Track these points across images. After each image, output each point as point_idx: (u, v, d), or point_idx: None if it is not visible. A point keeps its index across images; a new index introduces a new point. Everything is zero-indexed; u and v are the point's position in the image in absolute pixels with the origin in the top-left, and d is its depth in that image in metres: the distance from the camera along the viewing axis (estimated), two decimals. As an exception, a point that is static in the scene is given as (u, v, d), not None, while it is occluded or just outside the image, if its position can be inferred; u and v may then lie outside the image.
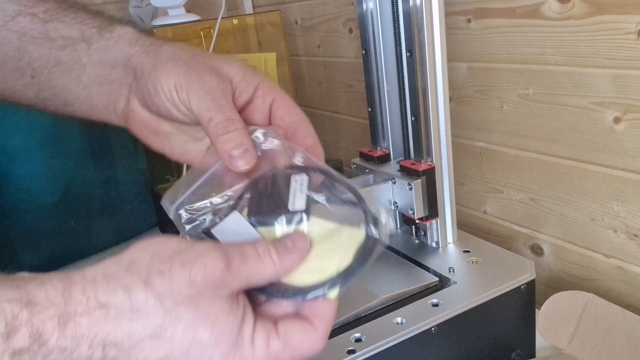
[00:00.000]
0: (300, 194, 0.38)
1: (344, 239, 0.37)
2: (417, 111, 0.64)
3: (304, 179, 0.39)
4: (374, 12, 0.68)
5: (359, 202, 0.38)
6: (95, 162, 1.00)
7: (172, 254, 0.32)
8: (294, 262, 0.35)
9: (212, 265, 0.32)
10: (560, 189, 0.71)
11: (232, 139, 0.39)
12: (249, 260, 0.33)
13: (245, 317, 0.33)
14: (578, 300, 0.59)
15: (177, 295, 0.31)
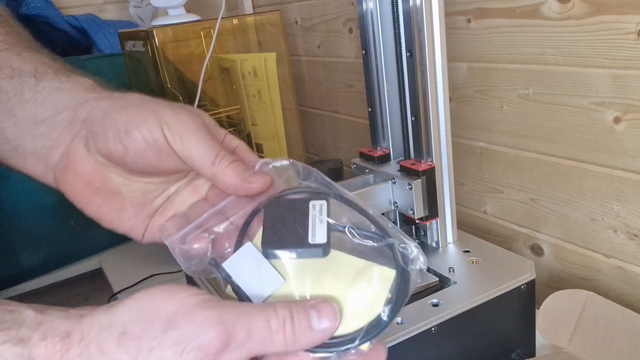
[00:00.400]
0: (320, 224, 0.34)
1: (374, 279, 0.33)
2: (417, 111, 0.64)
3: (323, 205, 0.35)
4: (374, 12, 0.68)
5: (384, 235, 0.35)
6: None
7: (166, 326, 0.30)
8: (312, 342, 0.32)
9: (208, 346, 0.29)
10: (560, 189, 0.71)
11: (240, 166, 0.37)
12: (255, 338, 0.30)
13: None
14: (578, 299, 0.59)
15: None
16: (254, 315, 0.31)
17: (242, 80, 0.97)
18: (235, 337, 0.30)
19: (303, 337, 0.31)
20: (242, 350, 0.30)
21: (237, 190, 0.37)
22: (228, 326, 0.30)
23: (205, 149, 0.37)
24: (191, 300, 0.31)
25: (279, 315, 0.31)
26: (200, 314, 0.30)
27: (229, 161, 0.37)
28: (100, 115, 0.38)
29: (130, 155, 0.37)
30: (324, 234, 0.34)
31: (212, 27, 0.93)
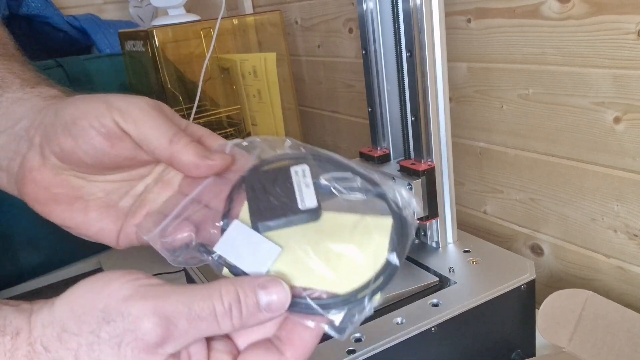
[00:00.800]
0: (306, 188, 0.34)
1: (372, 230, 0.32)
2: (417, 111, 0.64)
3: (305, 169, 0.34)
4: (374, 12, 0.68)
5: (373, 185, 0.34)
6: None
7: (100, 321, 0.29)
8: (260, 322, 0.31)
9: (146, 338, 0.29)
10: (560, 189, 0.71)
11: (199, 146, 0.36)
12: (199, 326, 0.30)
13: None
14: (577, 299, 0.59)
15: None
16: (196, 303, 0.30)
17: (242, 80, 0.97)
18: (176, 326, 0.29)
19: (251, 319, 0.30)
20: (187, 337, 0.30)
21: (198, 168, 0.35)
22: (166, 316, 0.29)
23: (162, 128, 0.35)
24: (124, 290, 0.30)
25: (225, 300, 0.30)
26: (134, 305, 0.29)
27: (187, 140, 0.35)
28: (52, 117, 0.37)
29: (81, 146, 0.36)
30: (313, 197, 0.33)
31: (212, 27, 0.93)
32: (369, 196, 0.34)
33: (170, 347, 0.30)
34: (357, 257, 0.32)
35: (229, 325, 0.30)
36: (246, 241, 0.33)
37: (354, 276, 0.31)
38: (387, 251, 0.32)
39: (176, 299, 0.30)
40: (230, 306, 0.30)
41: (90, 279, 0.31)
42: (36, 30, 1.10)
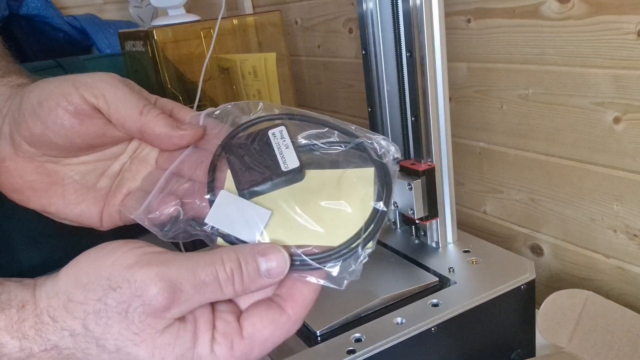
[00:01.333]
0: (286, 149, 0.34)
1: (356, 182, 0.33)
2: (417, 111, 0.64)
3: (283, 131, 0.34)
4: (374, 12, 0.68)
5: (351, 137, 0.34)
6: (95, 162, 0.99)
7: (106, 288, 0.30)
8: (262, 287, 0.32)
9: (153, 303, 0.29)
10: (560, 189, 0.71)
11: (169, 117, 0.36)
12: (204, 292, 0.30)
13: (198, 334, 0.31)
14: (577, 298, 0.59)
15: (117, 337, 0.30)
16: (200, 269, 0.30)
17: (242, 80, 0.97)
18: (182, 291, 0.30)
19: (252, 285, 0.31)
20: (191, 302, 0.30)
21: (170, 139, 0.35)
22: (171, 281, 0.29)
23: (131, 101, 0.35)
24: (128, 258, 0.30)
25: (227, 267, 0.31)
26: (138, 273, 0.30)
27: (158, 111, 0.36)
28: (18, 103, 0.37)
29: (50, 128, 0.35)
30: (294, 158, 0.33)
31: (212, 27, 0.93)
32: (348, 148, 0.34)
33: (176, 312, 0.30)
34: (345, 209, 0.32)
35: (231, 290, 0.31)
36: (236, 209, 0.33)
37: (344, 228, 0.32)
38: (372, 200, 0.32)
39: (180, 264, 0.30)
40: (232, 272, 0.31)
41: (92, 250, 0.32)
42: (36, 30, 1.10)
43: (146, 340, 0.30)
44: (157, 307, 0.29)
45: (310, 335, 0.55)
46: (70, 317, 0.30)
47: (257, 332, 0.32)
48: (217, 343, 0.31)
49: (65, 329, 0.30)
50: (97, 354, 0.30)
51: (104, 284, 0.30)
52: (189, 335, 0.31)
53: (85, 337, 0.30)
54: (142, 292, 0.29)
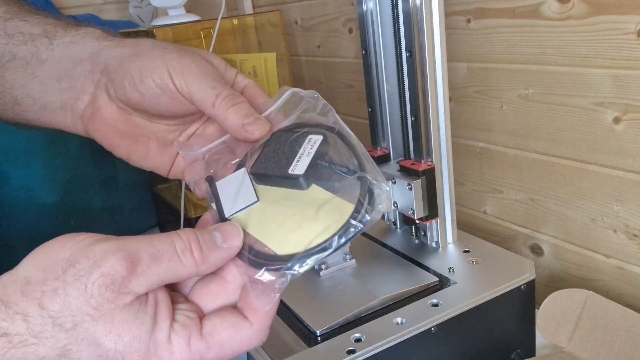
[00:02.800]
0: (306, 157, 0.36)
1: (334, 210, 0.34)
2: (417, 111, 0.64)
3: (318, 140, 0.37)
4: (374, 12, 0.68)
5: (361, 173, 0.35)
6: (95, 162, 1.00)
7: (65, 266, 0.30)
8: (220, 261, 0.33)
9: (111, 273, 0.29)
10: (560, 189, 0.71)
11: (243, 110, 0.38)
12: (162, 260, 0.31)
13: (158, 319, 0.31)
14: (577, 298, 0.59)
15: (74, 313, 0.29)
16: (156, 240, 0.31)
17: (242, 80, 0.97)
18: (139, 261, 0.30)
19: (211, 255, 0.32)
20: (151, 274, 0.30)
21: (237, 135, 0.38)
22: (129, 251, 0.30)
23: (206, 90, 0.38)
24: (87, 240, 0.31)
25: (183, 237, 0.32)
26: (97, 247, 0.30)
27: (230, 104, 0.38)
28: (116, 65, 0.40)
29: (147, 101, 0.40)
30: (304, 166, 0.35)
31: (212, 27, 0.93)
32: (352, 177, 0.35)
33: (136, 284, 0.30)
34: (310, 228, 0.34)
35: (191, 260, 0.31)
36: (239, 185, 0.36)
37: (298, 243, 0.33)
38: (332, 233, 0.33)
39: (137, 239, 0.31)
40: (189, 241, 0.31)
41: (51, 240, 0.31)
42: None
43: (105, 315, 0.29)
44: (116, 277, 0.29)
45: (310, 335, 0.55)
46: (26, 299, 0.29)
47: (216, 332, 0.32)
48: (175, 332, 0.31)
49: (18, 312, 0.29)
50: (53, 335, 0.29)
51: (64, 263, 0.30)
52: (148, 318, 0.30)
53: (41, 319, 0.29)
54: (101, 263, 0.29)
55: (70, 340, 0.29)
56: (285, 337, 0.56)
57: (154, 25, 0.94)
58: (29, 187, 0.93)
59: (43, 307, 0.29)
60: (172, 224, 0.99)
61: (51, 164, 0.94)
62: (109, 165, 1.02)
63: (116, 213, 1.04)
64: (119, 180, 1.03)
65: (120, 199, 1.04)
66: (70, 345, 0.29)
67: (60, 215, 0.96)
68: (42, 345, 0.29)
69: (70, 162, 0.97)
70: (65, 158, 0.96)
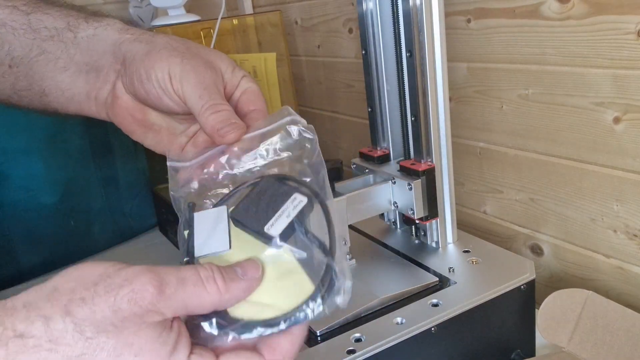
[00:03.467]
0: (285, 218, 0.35)
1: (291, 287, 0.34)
2: (417, 111, 0.64)
3: (301, 202, 0.36)
4: (374, 12, 0.68)
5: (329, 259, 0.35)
6: (95, 162, 1.00)
7: (97, 280, 0.30)
8: (242, 292, 0.33)
9: (141, 290, 0.30)
10: (560, 189, 0.71)
11: (221, 116, 0.40)
12: (187, 286, 0.31)
13: (178, 346, 0.31)
14: (577, 298, 0.59)
15: (99, 323, 0.29)
16: (183, 270, 0.32)
17: (242, 80, 0.97)
18: (168, 284, 0.30)
19: (233, 285, 0.33)
20: (177, 298, 0.31)
21: (214, 139, 0.40)
22: (159, 274, 0.31)
23: (196, 97, 0.40)
24: (120, 264, 0.32)
25: (206, 267, 0.33)
26: (129, 268, 0.31)
27: (211, 111, 0.40)
28: (130, 60, 0.43)
29: (151, 98, 0.42)
30: (281, 228, 0.35)
31: (212, 27, 0.93)
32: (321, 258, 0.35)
33: (163, 305, 0.30)
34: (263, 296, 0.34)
35: (214, 288, 0.32)
36: (215, 225, 0.36)
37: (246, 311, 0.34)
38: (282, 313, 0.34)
39: (166, 267, 0.32)
40: (212, 271, 0.32)
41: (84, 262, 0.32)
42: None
43: (130, 328, 0.30)
44: (145, 295, 0.30)
45: (310, 335, 0.55)
46: (50, 304, 0.29)
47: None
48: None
49: (39, 315, 0.29)
50: (69, 343, 0.29)
51: (96, 277, 0.30)
52: (171, 341, 0.31)
53: (63, 324, 0.29)
54: (132, 280, 0.30)
55: (87, 350, 0.29)
56: (285, 337, 0.56)
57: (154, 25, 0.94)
58: (29, 187, 0.93)
59: (68, 313, 0.29)
60: (172, 224, 0.99)
61: (51, 164, 0.94)
62: (109, 165, 1.02)
63: (116, 213, 1.04)
64: (119, 180, 1.03)
65: (120, 199, 1.04)
66: (86, 355, 0.29)
67: (60, 215, 0.96)
68: (55, 352, 0.28)
69: (70, 162, 0.97)
70: (65, 158, 0.96)
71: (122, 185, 1.04)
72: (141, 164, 1.06)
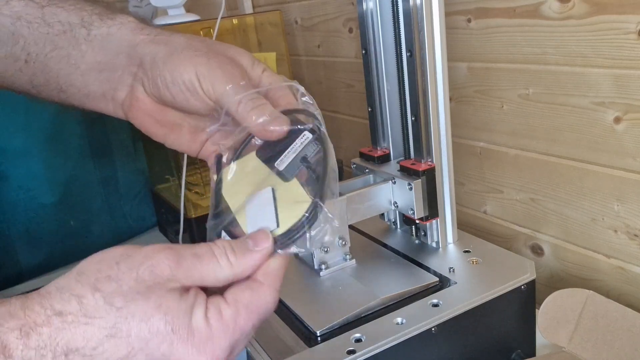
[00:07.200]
0: (292, 154, 0.40)
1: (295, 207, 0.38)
2: (417, 111, 0.64)
3: (307, 138, 0.40)
4: (374, 12, 0.68)
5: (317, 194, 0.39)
6: (95, 162, 1.00)
7: (119, 259, 0.33)
8: (254, 263, 0.36)
9: (161, 264, 0.33)
10: (561, 189, 0.71)
11: (263, 110, 0.40)
12: (203, 260, 0.34)
13: (197, 301, 0.34)
14: (578, 298, 0.59)
15: (126, 293, 0.32)
16: (197, 247, 0.35)
17: (242, 80, 0.97)
18: (183, 257, 0.34)
19: (246, 258, 0.35)
20: (193, 270, 0.34)
21: (259, 135, 0.41)
22: (176, 250, 0.34)
23: (230, 94, 0.40)
24: (137, 245, 0.34)
25: (219, 244, 0.35)
26: (149, 247, 0.34)
27: (250, 107, 0.40)
28: (150, 63, 0.42)
29: (177, 101, 0.42)
30: (286, 162, 0.39)
31: (212, 27, 0.93)
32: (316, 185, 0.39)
33: (181, 276, 0.33)
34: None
35: (226, 261, 0.35)
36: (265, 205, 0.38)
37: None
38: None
39: (182, 244, 0.35)
40: (224, 247, 0.35)
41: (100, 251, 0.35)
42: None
43: (156, 292, 0.32)
44: (164, 267, 0.33)
45: (310, 335, 0.55)
46: (80, 284, 0.32)
47: (237, 296, 0.35)
48: (209, 310, 0.34)
49: (73, 294, 0.31)
50: (102, 315, 0.31)
51: (117, 257, 0.33)
52: (190, 299, 0.33)
53: (94, 300, 0.31)
54: (152, 256, 0.33)
55: (119, 319, 0.31)
56: (285, 337, 0.56)
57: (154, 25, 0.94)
58: (28, 187, 0.93)
59: (97, 289, 0.32)
60: (172, 224, 0.99)
61: (51, 164, 0.94)
62: (109, 165, 1.02)
63: (116, 213, 1.04)
64: (119, 180, 1.03)
65: (120, 199, 1.04)
66: (119, 324, 0.31)
67: (60, 215, 0.96)
68: (91, 325, 0.31)
69: (70, 162, 0.97)
70: (65, 158, 0.96)
71: (122, 185, 1.04)
72: (141, 164, 1.06)
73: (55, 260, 0.98)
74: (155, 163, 1.04)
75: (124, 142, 1.03)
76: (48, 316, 0.31)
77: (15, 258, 0.94)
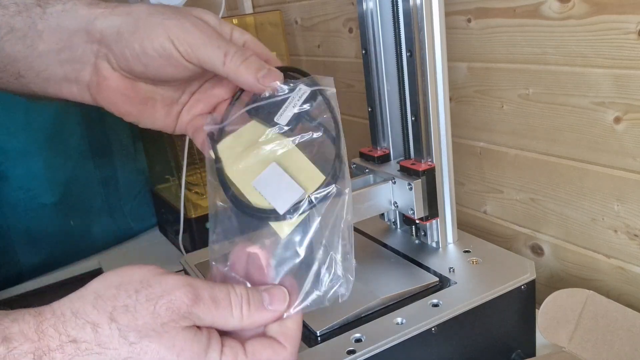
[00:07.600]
0: (291, 108, 0.38)
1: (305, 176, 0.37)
2: (417, 111, 0.64)
3: (305, 92, 0.39)
4: (374, 12, 0.68)
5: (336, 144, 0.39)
6: (95, 162, 1.00)
7: (138, 287, 0.33)
8: (265, 321, 0.36)
9: (179, 301, 0.33)
10: (561, 189, 0.71)
11: (253, 63, 0.39)
12: (219, 307, 0.34)
13: (211, 343, 0.34)
14: (578, 298, 0.59)
15: (141, 328, 0.32)
16: (216, 286, 0.35)
17: (242, 80, 0.97)
18: (201, 298, 0.34)
19: (257, 315, 0.35)
20: (207, 313, 0.34)
21: (253, 89, 0.40)
22: (195, 288, 0.34)
23: (213, 51, 0.39)
24: (158, 270, 0.34)
25: (237, 292, 0.35)
26: (170, 277, 0.34)
27: (239, 60, 0.39)
28: (114, 35, 0.40)
29: (150, 71, 0.40)
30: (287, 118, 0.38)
31: (212, 27, 0.93)
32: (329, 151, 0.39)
33: (196, 315, 0.33)
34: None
35: (238, 314, 0.35)
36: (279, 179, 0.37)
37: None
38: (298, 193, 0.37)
39: (202, 280, 0.35)
40: (241, 297, 0.35)
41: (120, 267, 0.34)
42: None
43: (169, 332, 0.32)
44: (181, 305, 0.33)
45: (310, 335, 0.55)
46: (97, 311, 0.32)
47: (257, 352, 0.35)
48: (224, 355, 0.34)
49: (88, 322, 0.31)
50: (116, 347, 0.31)
51: (137, 285, 0.33)
52: (204, 340, 0.33)
53: (109, 330, 0.31)
54: (171, 291, 0.33)
55: (131, 354, 0.31)
56: (285, 337, 0.56)
57: None
58: (28, 187, 0.93)
59: (113, 320, 0.32)
60: (172, 224, 0.99)
61: (51, 164, 0.94)
62: (109, 165, 1.02)
63: (116, 213, 1.04)
64: (119, 180, 1.03)
65: (120, 199, 1.04)
66: (132, 357, 0.31)
67: (60, 215, 0.96)
68: (104, 355, 0.31)
69: (70, 162, 0.97)
70: (65, 158, 0.96)
71: (122, 185, 1.04)
72: (141, 164, 1.06)
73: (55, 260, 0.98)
74: (155, 163, 1.04)
75: (124, 142, 1.03)
76: (62, 342, 0.31)
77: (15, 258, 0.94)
